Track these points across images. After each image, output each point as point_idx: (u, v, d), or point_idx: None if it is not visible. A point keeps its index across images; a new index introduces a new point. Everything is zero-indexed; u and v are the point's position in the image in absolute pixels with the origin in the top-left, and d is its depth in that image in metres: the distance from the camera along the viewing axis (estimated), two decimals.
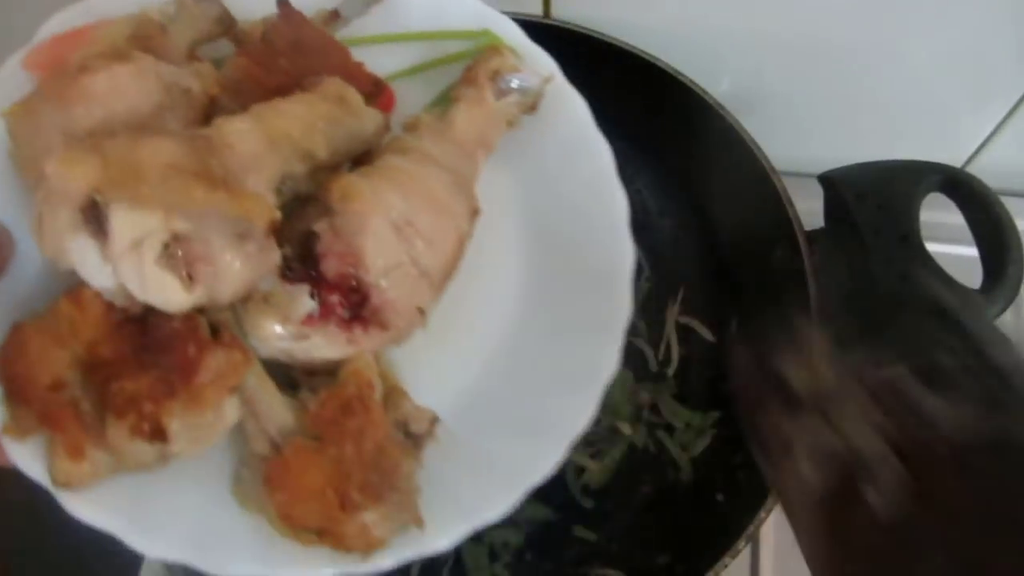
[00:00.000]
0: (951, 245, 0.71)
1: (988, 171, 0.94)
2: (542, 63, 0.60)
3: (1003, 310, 0.64)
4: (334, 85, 0.51)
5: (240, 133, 0.46)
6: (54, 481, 0.44)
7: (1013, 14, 0.75)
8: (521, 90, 0.58)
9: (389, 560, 0.46)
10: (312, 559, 0.46)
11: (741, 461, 0.71)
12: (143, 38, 0.50)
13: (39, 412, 0.44)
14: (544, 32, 0.80)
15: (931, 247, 0.71)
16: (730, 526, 0.63)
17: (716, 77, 0.87)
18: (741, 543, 0.61)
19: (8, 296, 0.47)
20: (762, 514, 0.61)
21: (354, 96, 0.52)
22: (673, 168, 0.85)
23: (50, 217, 0.42)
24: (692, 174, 0.84)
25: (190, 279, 0.43)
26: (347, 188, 0.48)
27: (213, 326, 0.46)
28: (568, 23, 0.80)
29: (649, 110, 0.83)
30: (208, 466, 0.48)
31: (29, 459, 0.44)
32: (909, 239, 0.65)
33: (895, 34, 0.80)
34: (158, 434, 0.43)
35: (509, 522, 0.52)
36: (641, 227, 0.83)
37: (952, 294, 0.63)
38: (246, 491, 0.48)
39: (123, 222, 0.41)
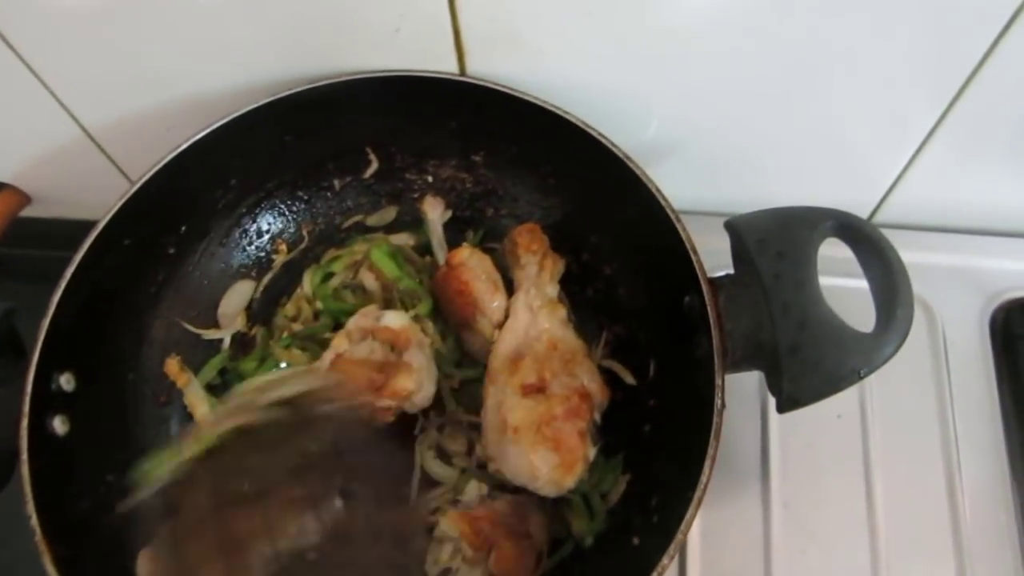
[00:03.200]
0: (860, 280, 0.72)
1: (903, 207, 0.98)
2: None
3: (894, 352, 0.66)
4: None
5: None
6: None
7: (920, 59, 0.79)
8: None
9: None
10: None
11: (656, 505, 0.73)
12: None
13: None
14: (460, 89, 0.83)
15: (839, 282, 0.75)
16: (642, 571, 0.64)
17: (642, 123, 0.90)
18: None
19: None
20: (664, 559, 0.62)
21: None
22: (586, 216, 0.88)
23: None
24: (604, 223, 0.86)
25: None
26: None
27: None
28: (483, 80, 0.82)
29: (563, 161, 0.86)
30: None
31: None
32: (805, 286, 0.67)
33: (810, 81, 0.83)
34: None
35: None
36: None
37: None
38: None
39: None
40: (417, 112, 0.88)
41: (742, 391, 0.90)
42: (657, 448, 0.78)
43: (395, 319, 0.80)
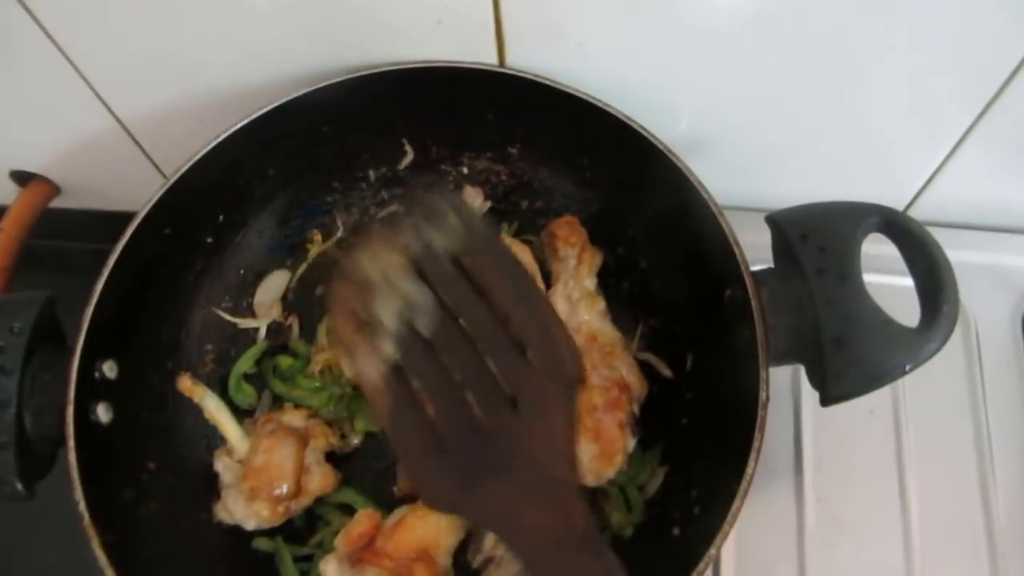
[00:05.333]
0: (901, 277, 0.72)
1: (936, 204, 0.98)
2: None
3: (939, 348, 0.66)
4: None
5: None
6: None
7: (956, 55, 0.79)
8: None
9: None
10: None
11: (696, 497, 0.73)
12: None
13: None
14: (500, 80, 0.83)
15: (881, 279, 0.75)
16: (684, 562, 0.64)
17: (674, 118, 0.90)
18: None
19: None
20: (712, 550, 0.62)
21: None
22: (627, 209, 0.88)
23: None
24: (647, 215, 0.86)
25: None
26: None
27: None
28: (523, 72, 0.82)
29: (602, 154, 0.86)
30: None
31: None
32: (849, 280, 0.67)
33: (845, 77, 0.83)
34: None
35: None
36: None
37: None
38: None
39: None
40: (455, 104, 0.88)
41: (775, 385, 0.88)
42: (695, 441, 0.78)
43: None
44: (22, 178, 1.02)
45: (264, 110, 0.82)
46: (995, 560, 0.83)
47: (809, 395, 0.91)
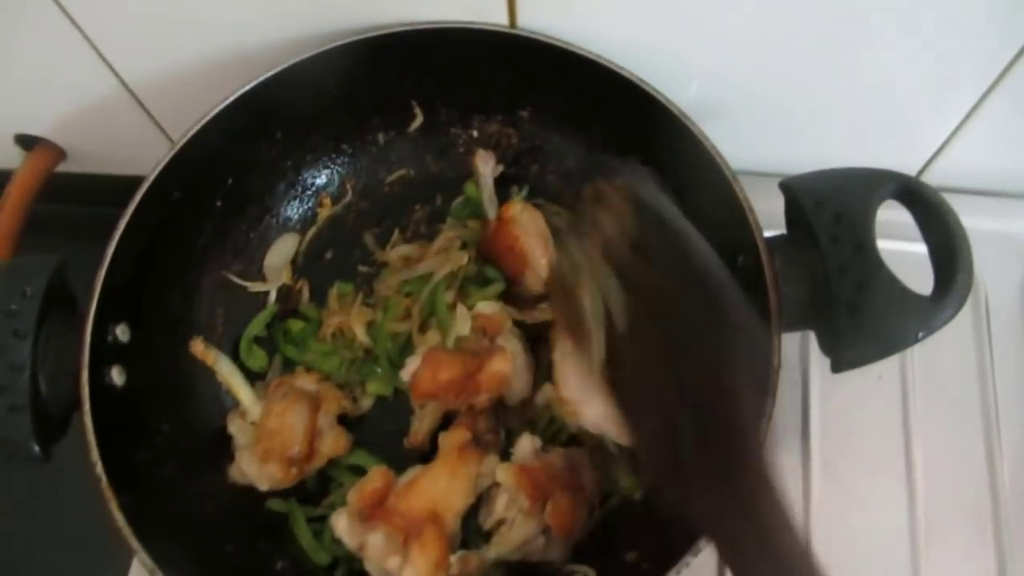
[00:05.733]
0: (914, 243, 0.71)
1: (948, 170, 0.97)
2: None
3: (953, 315, 0.66)
4: None
5: None
6: None
7: (974, 17, 0.78)
8: None
9: None
10: None
11: None
12: None
13: None
14: (510, 42, 0.82)
15: (894, 245, 0.74)
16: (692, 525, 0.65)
17: (684, 83, 0.89)
18: (704, 542, 0.63)
19: None
20: None
21: None
22: None
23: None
24: (657, 180, 0.86)
25: None
26: None
27: None
28: (534, 33, 0.81)
29: (613, 118, 0.85)
30: None
31: None
32: (864, 248, 0.67)
33: (858, 39, 0.82)
34: None
35: None
36: None
37: None
38: None
39: None
40: (464, 66, 0.87)
41: (783, 351, 0.90)
42: None
43: (486, 306, 0.81)
44: (27, 142, 1.01)
45: (271, 72, 0.81)
46: (999, 526, 0.84)
47: (817, 361, 0.91)
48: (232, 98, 0.80)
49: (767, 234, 0.72)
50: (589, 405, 0.72)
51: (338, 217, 0.94)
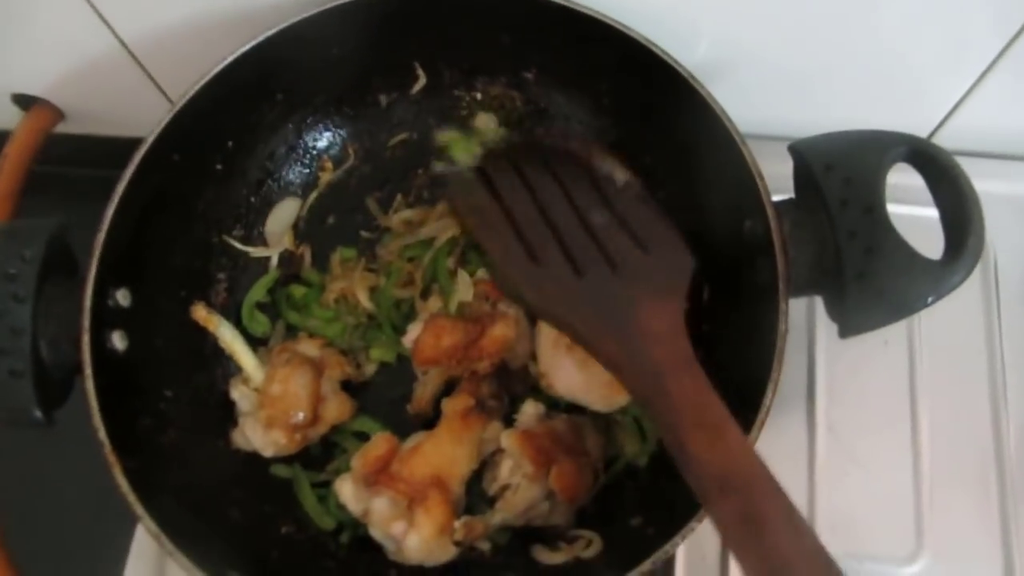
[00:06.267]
0: (925, 208, 0.71)
1: (960, 132, 0.96)
2: None
3: (963, 280, 0.66)
4: None
5: None
6: None
7: None
8: None
9: None
10: None
11: None
12: None
13: None
14: (514, 2, 0.81)
15: (905, 209, 0.73)
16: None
17: (692, 43, 0.87)
18: None
19: None
20: None
21: None
22: (645, 137, 0.86)
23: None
24: (665, 143, 0.84)
25: None
26: None
27: None
28: None
29: (620, 80, 0.84)
30: None
31: None
32: (874, 212, 0.66)
33: None
34: None
35: None
36: None
37: None
38: None
39: None
40: (468, 26, 0.85)
41: (790, 316, 0.90)
42: (711, 372, 0.77)
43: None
44: (25, 102, 1.00)
45: (271, 32, 0.79)
46: (1004, 490, 0.84)
47: (824, 325, 0.91)
48: (232, 58, 0.78)
49: (776, 198, 0.71)
50: (560, 375, 0.73)
51: (340, 181, 0.93)
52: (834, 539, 0.80)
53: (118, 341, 0.73)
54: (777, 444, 0.86)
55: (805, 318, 0.91)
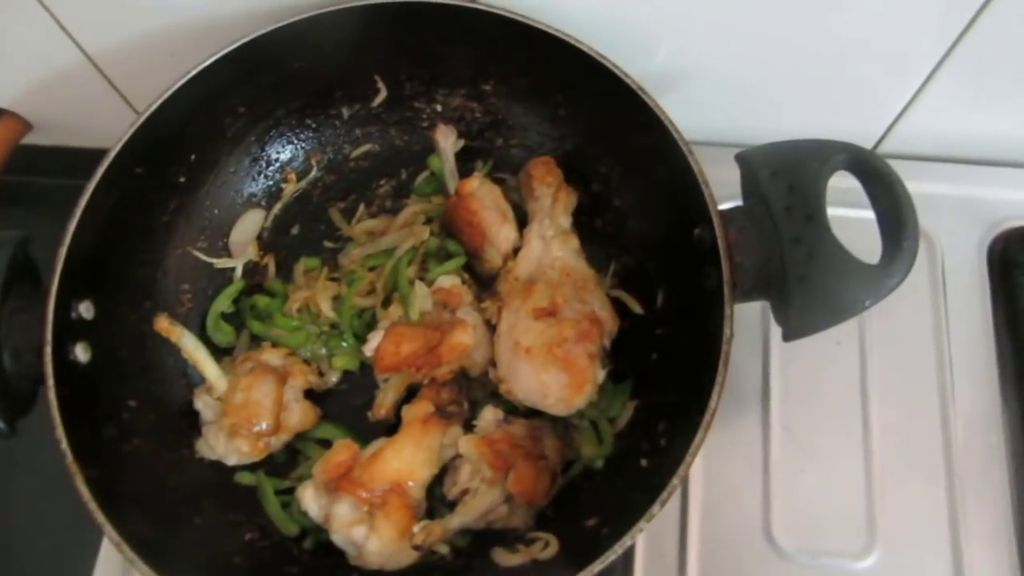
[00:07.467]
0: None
1: (908, 137, 0.99)
2: None
3: (899, 283, 0.68)
4: None
5: None
6: None
7: None
8: None
9: None
10: None
11: (663, 430, 0.76)
12: None
13: None
14: (471, 16, 0.82)
15: (855, 213, 0.75)
16: (651, 492, 0.67)
17: (650, 53, 0.89)
18: (656, 508, 0.65)
19: None
20: (675, 480, 0.65)
21: None
22: (596, 148, 0.88)
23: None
24: (618, 154, 0.87)
25: None
26: None
27: None
28: (495, 8, 0.81)
29: (574, 91, 0.86)
30: None
31: None
32: (815, 218, 0.68)
33: (818, 7, 0.82)
34: None
35: None
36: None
37: None
38: None
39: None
40: (427, 40, 0.87)
41: (745, 318, 0.90)
42: (664, 375, 0.80)
43: (446, 280, 0.82)
44: None
45: (234, 45, 0.81)
46: (952, 483, 0.86)
47: (778, 328, 0.93)
48: (193, 72, 0.80)
49: (728, 205, 0.74)
50: (518, 380, 0.74)
51: (304, 192, 0.94)
52: (789, 536, 0.85)
53: (81, 353, 0.74)
54: (733, 444, 0.89)
55: (760, 321, 0.94)
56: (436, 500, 0.78)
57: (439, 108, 0.94)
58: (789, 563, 0.84)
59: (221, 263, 0.90)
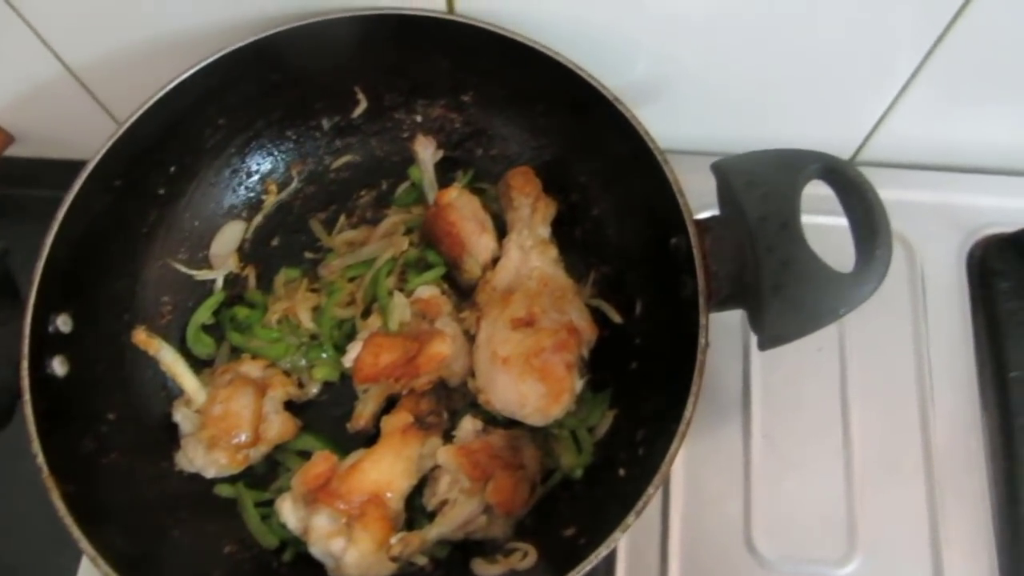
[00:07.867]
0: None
1: (887, 145, 0.99)
2: None
3: (873, 291, 0.68)
4: None
5: None
6: None
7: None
8: None
9: None
10: None
11: (642, 439, 0.76)
12: None
13: None
14: (449, 27, 0.83)
15: (831, 220, 0.76)
16: (627, 502, 0.67)
17: (630, 63, 0.90)
18: (631, 518, 0.65)
19: None
20: (650, 489, 0.65)
21: None
22: (575, 157, 0.88)
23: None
24: (596, 163, 0.87)
25: None
26: None
27: None
28: (471, 19, 0.82)
29: (552, 102, 0.86)
30: None
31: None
32: (789, 227, 0.69)
33: (796, 17, 0.83)
34: None
35: None
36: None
37: None
38: None
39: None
40: (406, 51, 0.87)
41: (726, 326, 0.92)
42: (643, 384, 0.80)
43: (425, 290, 0.82)
44: None
45: (213, 57, 0.81)
46: (932, 488, 0.87)
47: None
48: (173, 83, 0.80)
49: (706, 214, 0.74)
50: (497, 391, 0.74)
51: (284, 203, 0.95)
52: (771, 543, 0.85)
53: (58, 367, 0.74)
54: (714, 452, 0.89)
55: (741, 329, 0.94)
56: (416, 511, 0.78)
57: (419, 119, 0.95)
58: (770, 571, 0.84)
59: (201, 275, 0.90)
